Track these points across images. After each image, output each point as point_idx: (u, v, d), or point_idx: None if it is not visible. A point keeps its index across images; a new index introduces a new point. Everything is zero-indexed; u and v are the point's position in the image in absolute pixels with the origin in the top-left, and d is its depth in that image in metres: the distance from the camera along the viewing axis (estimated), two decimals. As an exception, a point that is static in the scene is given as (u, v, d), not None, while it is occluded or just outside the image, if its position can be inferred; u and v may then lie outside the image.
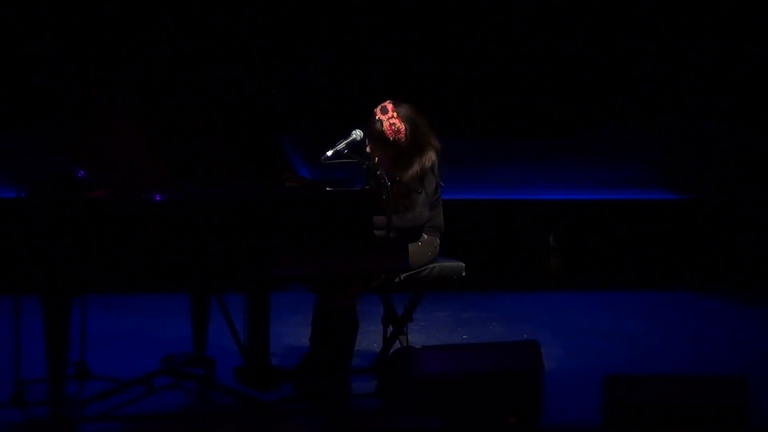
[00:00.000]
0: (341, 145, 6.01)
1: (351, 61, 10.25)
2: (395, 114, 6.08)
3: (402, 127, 6.07)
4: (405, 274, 6.09)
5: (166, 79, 5.71)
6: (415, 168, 6.09)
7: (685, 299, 8.67)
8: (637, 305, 8.42)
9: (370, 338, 6.97)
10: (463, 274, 6.30)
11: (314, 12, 10.21)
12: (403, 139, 6.08)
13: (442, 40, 10.42)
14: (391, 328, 6.22)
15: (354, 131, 6.07)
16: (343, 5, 10.31)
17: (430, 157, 6.12)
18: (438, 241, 6.23)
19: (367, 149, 6.15)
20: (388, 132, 6.07)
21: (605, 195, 9.50)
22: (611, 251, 9.08)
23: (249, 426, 5.54)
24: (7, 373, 5.67)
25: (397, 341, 6.23)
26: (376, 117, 6.09)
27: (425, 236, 6.17)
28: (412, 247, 6.01)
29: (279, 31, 10.14)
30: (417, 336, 7.11)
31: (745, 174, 9.40)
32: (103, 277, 5.28)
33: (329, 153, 6.00)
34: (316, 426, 5.50)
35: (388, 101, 6.13)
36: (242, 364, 5.98)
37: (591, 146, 10.26)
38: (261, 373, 5.89)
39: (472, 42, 10.43)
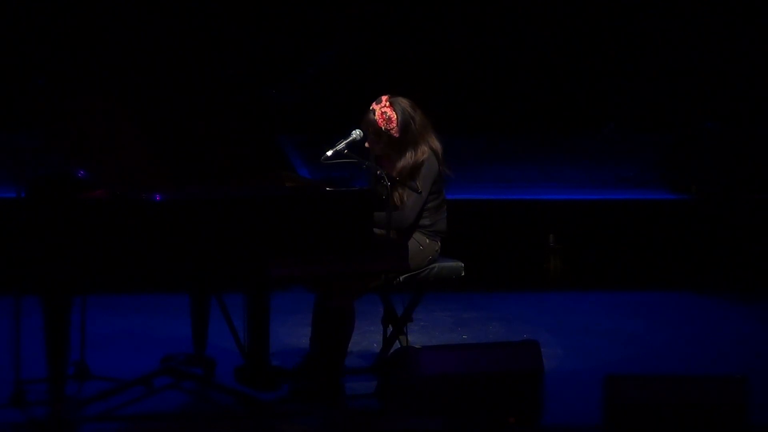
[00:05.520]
0: (341, 145, 6.02)
1: (351, 60, 10.25)
2: (388, 104, 6.10)
3: (393, 116, 6.08)
4: (404, 275, 6.10)
5: (166, 79, 5.71)
6: (407, 159, 6.08)
7: (685, 299, 8.67)
8: (637, 305, 8.41)
9: (370, 338, 6.97)
10: (463, 274, 6.30)
11: (314, 11, 10.21)
12: (395, 128, 6.08)
13: (442, 39, 10.42)
14: (391, 328, 6.22)
15: (354, 131, 6.07)
16: (342, 5, 10.31)
17: (423, 152, 6.10)
18: (439, 245, 6.22)
19: (366, 144, 6.17)
20: (379, 121, 6.08)
21: (605, 195, 9.49)
22: (611, 251, 9.07)
23: (249, 426, 5.54)
24: (7, 373, 5.67)
25: (397, 341, 6.23)
26: (371, 107, 6.12)
27: (427, 240, 6.16)
28: (413, 249, 6.00)
29: (279, 31, 10.14)
30: (417, 336, 7.11)
31: (745, 174, 9.39)
32: (103, 277, 5.27)
33: (329, 153, 6.00)
34: (315, 426, 5.50)
35: (385, 95, 6.16)
36: (242, 364, 5.99)
37: (591, 146, 10.25)
38: (261, 373, 5.89)
39: (472, 41, 10.43)
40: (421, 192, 6.04)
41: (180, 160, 5.54)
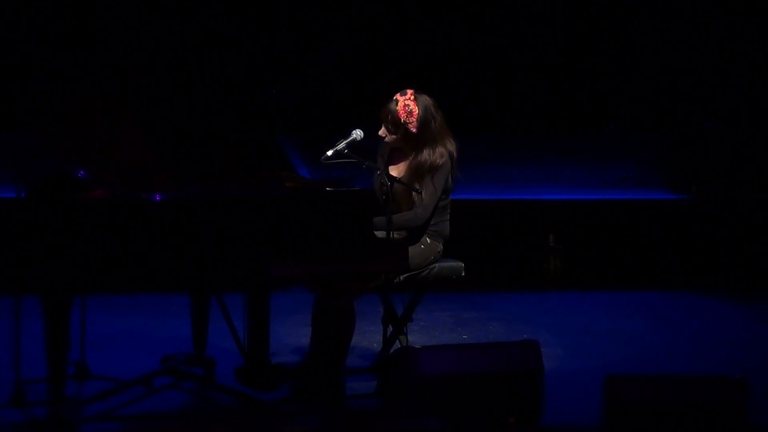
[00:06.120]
0: (341, 145, 6.02)
1: (351, 60, 10.25)
2: (412, 98, 6.10)
3: (415, 110, 6.08)
4: (404, 275, 6.10)
5: (166, 79, 5.71)
6: (425, 157, 6.08)
7: (685, 299, 8.67)
8: (637, 305, 8.42)
9: (370, 338, 6.97)
10: (463, 274, 6.30)
11: (314, 11, 10.21)
12: (414, 122, 6.08)
13: (442, 39, 10.42)
14: (391, 328, 6.22)
15: (354, 131, 6.07)
16: (342, 5, 10.31)
17: (442, 154, 6.11)
18: (441, 247, 6.22)
19: (380, 132, 6.16)
20: (401, 111, 6.08)
21: (605, 195, 9.50)
22: (611, 251, 9.07)
23: (249, 426, 5.54)
24: (7, 373, 5.67)
25: (397, 341, 6.23)
26: (394, 97, 6.13)
27: (428, 240, 6.16)
28: (414, 249, 6.00)
29: (279, 31, 10.14)
30: (417, 336, 7.11)
31: (745, 174, 9.39)
32: (103, 277, 5.27)
33: (329, 153, 6.00)
34: (315, 426, 5.50)
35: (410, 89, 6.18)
36: (242, 364, 5.99)
37: (591, 146, 10.26)
38: (261, 373, 5.89)
39: (472, 41, 10.43)
40: (435, 190, 6.05)
41: (180, 160, 5.54)
